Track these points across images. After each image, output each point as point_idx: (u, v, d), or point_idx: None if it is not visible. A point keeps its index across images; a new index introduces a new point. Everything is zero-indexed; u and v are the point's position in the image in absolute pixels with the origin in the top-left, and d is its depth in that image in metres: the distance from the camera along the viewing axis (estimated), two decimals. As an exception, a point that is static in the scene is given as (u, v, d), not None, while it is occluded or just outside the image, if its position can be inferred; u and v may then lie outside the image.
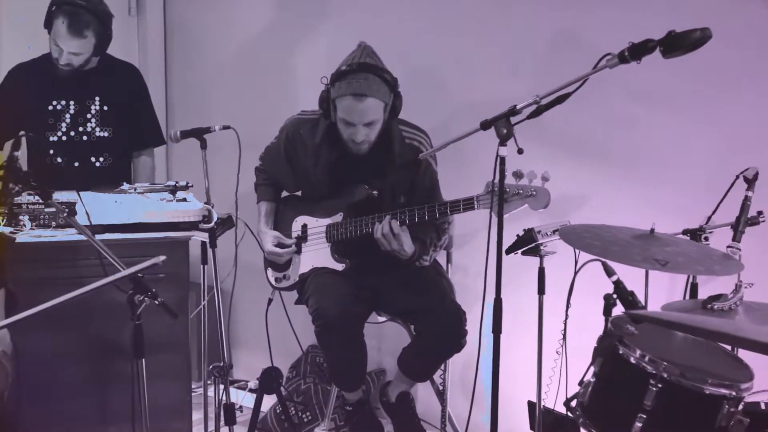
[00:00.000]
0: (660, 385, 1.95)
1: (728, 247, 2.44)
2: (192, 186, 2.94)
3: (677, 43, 2.05)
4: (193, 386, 3.63)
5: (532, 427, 2.86)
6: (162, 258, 2.13)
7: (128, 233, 2.72)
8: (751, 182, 2.50)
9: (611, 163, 3.09)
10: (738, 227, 2.46)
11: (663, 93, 2.96)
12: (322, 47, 3.65)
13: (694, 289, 2.72)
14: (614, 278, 2.07)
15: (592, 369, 2.12)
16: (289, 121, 3.01)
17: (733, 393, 1.95)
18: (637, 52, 2.09)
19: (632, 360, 2.01)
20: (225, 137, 2.98)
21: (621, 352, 2.03)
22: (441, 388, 3.02)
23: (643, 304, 2.18)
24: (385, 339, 3.56)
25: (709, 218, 2.67)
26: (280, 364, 3.60)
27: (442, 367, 3.00)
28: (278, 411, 3.45)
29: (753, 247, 2.59)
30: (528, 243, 2.64)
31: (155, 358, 2.72)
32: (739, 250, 2.42)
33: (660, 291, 2.92)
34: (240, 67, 3.99)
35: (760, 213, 2.54)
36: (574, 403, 2.15)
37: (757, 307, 2.39)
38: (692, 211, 2.71)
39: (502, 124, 2.24)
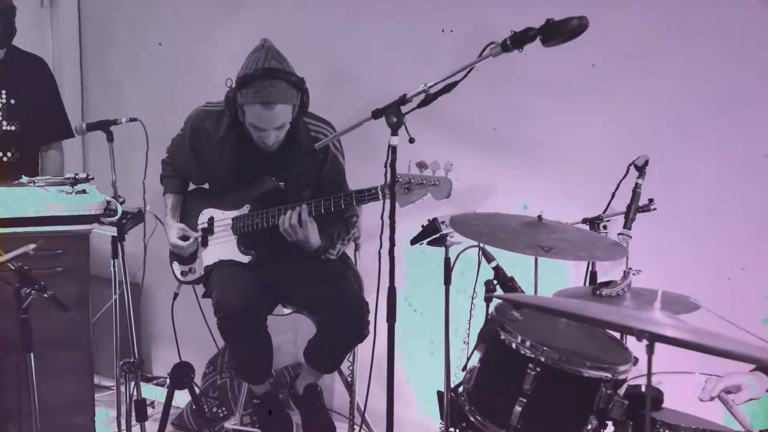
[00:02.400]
0: (538, 369, 1.97)
1: (619, 234, 2.48)
2: (92, 178, 2.90)
3: (555, 32, 2.07)
4: (109, 383, 3.65)
5: (442, 417, 2.88)
6: (32, 246, 2.10)
7: (25, 227, 2.66)
8: (641, 170, 2.54)
9: (518, 154, 3.13)
10: (628, 215, 2.49)
11: (564, 85, 3.01)
12: (235, 41, 3.61)
13: (593, 277, 2.77)
14: (493, 264, 2.10)
15: (478, 355, 2.14)
16: (194, 113, 2.98)
17: (610, 376, 1.99)
18: (518, 40, 2.11)
19: (513, 345, 2.03)
20: (143, 131, 2.97)
21: (502, 337, 2.05)
22: (350, 379, 3.02)
23: (523, 289, 2.20)
24: (301, 332, 3.55)
25: (607, 207, 2.72)
26: (198, 359, 3.57)
27: (351, 358, 3.00)
28: (194, 407, 3.42)
29: (647, 233, 2.65)
30: (432, 233, 2.64)
31: (55, 354, 2.70)
32: (630, 237, 2.46)
33: (568, 278, 2.98)
34: (156, 60, 3.94)
35: (651, 201, 2.59)
36: (462, 389, 2.17)
37: (645, 292, 2.45)
38: (596, 200, 2.76)
39: (392, 113, 2.25)
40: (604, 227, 2.69)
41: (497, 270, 2.10)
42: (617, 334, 2.26)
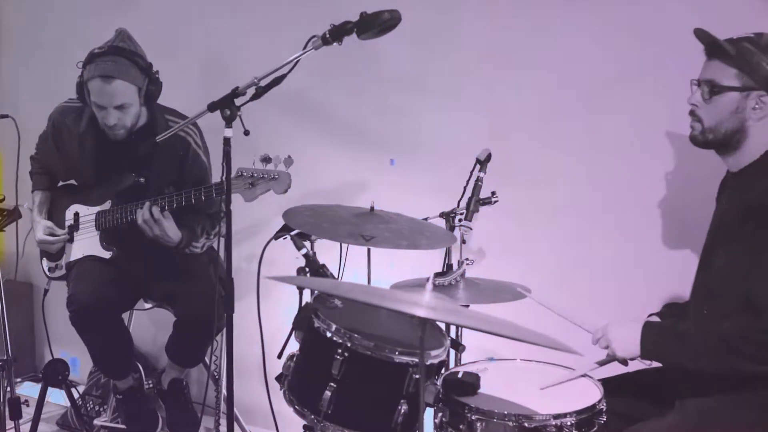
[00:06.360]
0: (346, 354, 2.00)
1: (460, 225, 2.53)
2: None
3: (368, 25, 2.11)
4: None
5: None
6: None
7: None
8: (483, 164, 2.59)
9: (389, 151, 3.18)
10: (469, 207, 2.54)
11: (433, 83, 3.07)
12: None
13: (449, 268, 2.81)
14: (303, 251, 2.12)
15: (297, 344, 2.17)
16: (56, 109, 2.99)
17: (416, 360, 2.02)
18: (337, 33, 2.15)
19: (328, 334, 2.06)
20: (36, 129, 3.00)
21: (317, 325, 2.08)
22: (216, 373, 3.04)
23: (335, 276, 2.23)
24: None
25: (460, 200, 2.76)
26: (86, 358, 3.56)
27: (217, 352, 3.02)
28: (78, 405, 3.41)
29: (488, 225, 2.71)
30: (292, 228, 2.67)
31: None
32: (470, 228, 2.51)
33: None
34: (51, 58, 3.95)
35: (493, 193, 2.64)
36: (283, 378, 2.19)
37: (478, 282, 2.50)
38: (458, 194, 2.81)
39: (226, 106, 2.27)
40: (459, 220, 2.74)
41: (307, 257, 2.13)
42: (442, 324, 2.31)
